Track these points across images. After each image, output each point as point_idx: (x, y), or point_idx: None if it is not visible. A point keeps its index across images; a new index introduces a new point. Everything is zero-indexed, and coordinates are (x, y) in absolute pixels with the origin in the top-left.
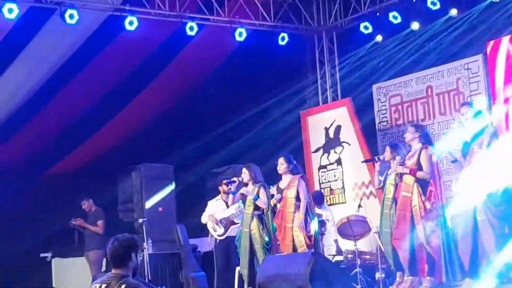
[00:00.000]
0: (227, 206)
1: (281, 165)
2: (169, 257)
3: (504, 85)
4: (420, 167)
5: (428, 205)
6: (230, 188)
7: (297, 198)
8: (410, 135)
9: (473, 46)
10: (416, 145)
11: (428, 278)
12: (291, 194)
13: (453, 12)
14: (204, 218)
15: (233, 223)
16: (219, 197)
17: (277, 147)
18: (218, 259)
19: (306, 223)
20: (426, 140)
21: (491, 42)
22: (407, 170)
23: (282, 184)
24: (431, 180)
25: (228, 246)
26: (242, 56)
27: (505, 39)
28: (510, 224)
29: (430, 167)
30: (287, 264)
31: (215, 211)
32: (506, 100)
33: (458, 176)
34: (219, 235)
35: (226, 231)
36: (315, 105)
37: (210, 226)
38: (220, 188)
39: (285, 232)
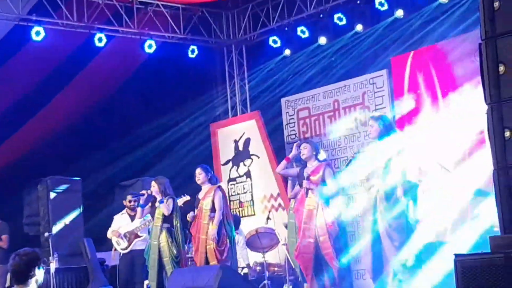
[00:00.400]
0: (132, 220)
1: (199, 175)
2: (76, 271)
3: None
4: (324, 184)
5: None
6: (135, 202)
7: (212, 210)
8: (307, 152)
9: (378, 61)
10: (314, 162)
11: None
12: (206, 205)
13: (359, 27)
14: (109, 234)
15: (137, 236)
16: (124, 211)
17: (187, 159)
18: (122, 273)
19: (220, 235)
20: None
21: (395, 58)
22: (313, 186)
23: (200, 194)
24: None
25: (133, 259)
26: (152, 68)
27: (409, 56)
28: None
29: (335, 182)
30: (195, 277)
31: (120, 225)
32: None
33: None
34: (122, 249)
35: (129, 244)
36: (225, 118)
37: (114, 240)
38: (125, 203)
39: (199, 243)
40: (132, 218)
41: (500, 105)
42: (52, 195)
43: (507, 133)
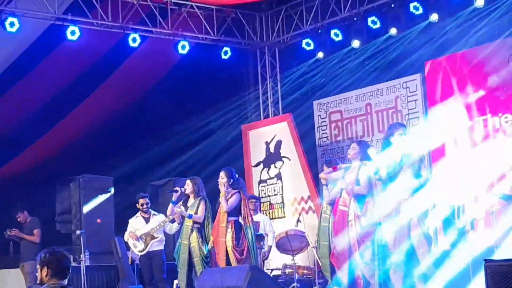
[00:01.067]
0: (146, 222)
1: (222, 179)
2: (106, 269)
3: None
4: (358, 183)
5: (363, 221)
6: (147, 205)
7: (230, 214)
8: (352, 151)
9: (412, 65)
10: (356, 162)
11: None
12: (223, 209)
13: (393, 31)
14: (126, 236)
15: (153, 237)
16: (138, 214)
17: (218, 160)
18: (144, 274)
19: (239, 237)
20: (366, 157)
21: (429, 62)
22: (348, 185)
23: (222, 199)
24: (369, 196)
25: (151, 260)
26: (184, 69)
27: (443, 60)
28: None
29: (368, 183)
30: (225, 277)
31: (135, 228)
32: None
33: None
34: (139, 251)
35: (146, 246)
36: (256, 120)
37: (131, 243)
38: (138, 206)
39: (220, 247)
40: (147, 220)
41: None
42: (84, 193)
43: None
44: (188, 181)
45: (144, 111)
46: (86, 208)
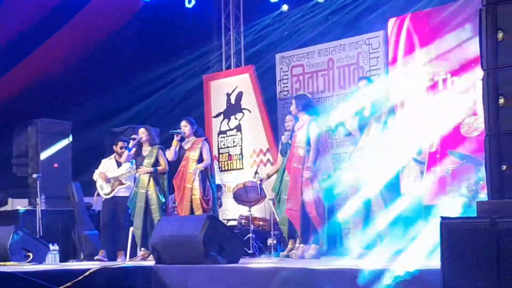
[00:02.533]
0: (118, 167)
1: (185, 127)
2: (62, 213)
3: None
4: (308, 139)
5: (307, 173)
6: (125, 149)
7: (199, 161)
8: (292, 106)
9: (376, 23)
10: (303, 116)
11: (313, 245)
12: (194, 155)
13: None
14: (95, 175)
15: (121, 183)
16: (112, 156)
17: (179, 109)
18: (103, 217)
19: (205, 187)
20: (312, 110)
21: (393, 20)
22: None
23: (186, 145)
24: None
25: (115, 205)
26: (147, 16)
27: (406, 18)
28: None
29: (318, 138)
30: (182, 226)
31: (106, 169)
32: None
33: (352, 149)
34: (105, 194)
35: (112, 190)
36: (218, 71)
37: (98, 184)
38: (115, 148)
39: (184, 193)
40: (119, 164)
41: (496, 72)
42: (41, 136)
43: (501, 100)
44: (142, 129)
45: (106, 57)
46: (44, 155)
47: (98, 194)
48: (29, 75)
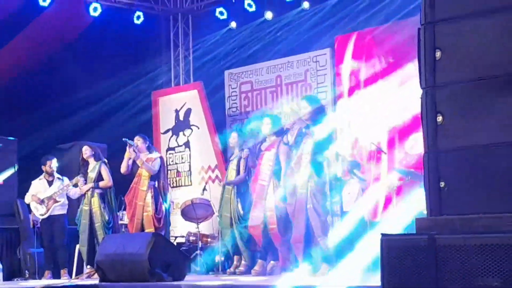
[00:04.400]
0: (49, 185)
1: (137, 141)
2: (7, 231)
3: (348, 81)
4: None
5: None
6: (52, 169)
7: (152, 178)
8: (267, 126)
9: (323, 40)
10: (272, 137)
11: (259, 261)
12: (145, 172)
13: (306, 4)
14: (27, 198)
15: (55, 201)
16: (42, 176)
17: (127, 126)
18: (44, 238)
19: (157, 203)
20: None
21: (339, 37)
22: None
23: (139, 162)
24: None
25: (52, 224)
26: (95, 31)
27: (353, 36)
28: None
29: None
30: (127, 243)
31: (37, 190)
32: (349, 93)
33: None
34: (41, 214)
35: (47, 210)
36: (167, 87)
37: (33, 206)
38: (43, 168)
39: (136, 210)
40: (50, 183)
41: (434, 90)
42: None
43: (439, 118)
44: (85, 147)
45: (53, 72)
46: None
47: (35, 215)
48: None
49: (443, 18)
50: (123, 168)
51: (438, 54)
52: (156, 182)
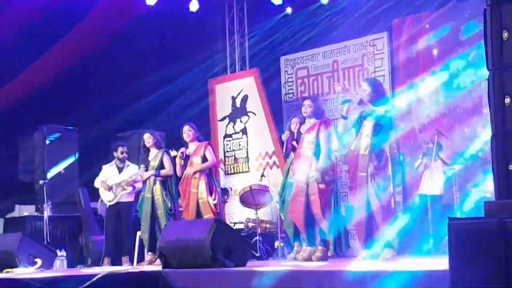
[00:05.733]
0: (119, 172)
1: (189, 132)
2: (69, 220)
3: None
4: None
5: (315, 174)
6: (126, 154)
7: None
8: (308, 108)
9: (380, 24)
10: (312, 119)
11: (320, 247)
12: (197, 160)
13: None
14: (97, 183)
15: (124, 188)
16: (113, 162)
17: (184, 114)
18: (108, 224)
19: (212, 189)
20: (321, 114)
21: (397, 20)
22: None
23: (189, 151)
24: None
25: (118, 211)
26: (152, 20)
27: (409, 19)
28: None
29: (326, 140)
30: (189, 230)
31: (107, 176)
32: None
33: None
34: (108, 201)
35: (115, 197)
36: (223, 74)
37: (101, 191)
38: (115, 154)
39: (190, 198)
40: (120, 170)
41: (502, 71)
42: (48, 143)
43: (507, 100)
44: (147, 135)
45: (111, 63)
46: (50, 175)
47: (102, 201)
48: (35, 82)
49: None
50: (179, 172)
51: (505, 35)
52: (208, 169)
